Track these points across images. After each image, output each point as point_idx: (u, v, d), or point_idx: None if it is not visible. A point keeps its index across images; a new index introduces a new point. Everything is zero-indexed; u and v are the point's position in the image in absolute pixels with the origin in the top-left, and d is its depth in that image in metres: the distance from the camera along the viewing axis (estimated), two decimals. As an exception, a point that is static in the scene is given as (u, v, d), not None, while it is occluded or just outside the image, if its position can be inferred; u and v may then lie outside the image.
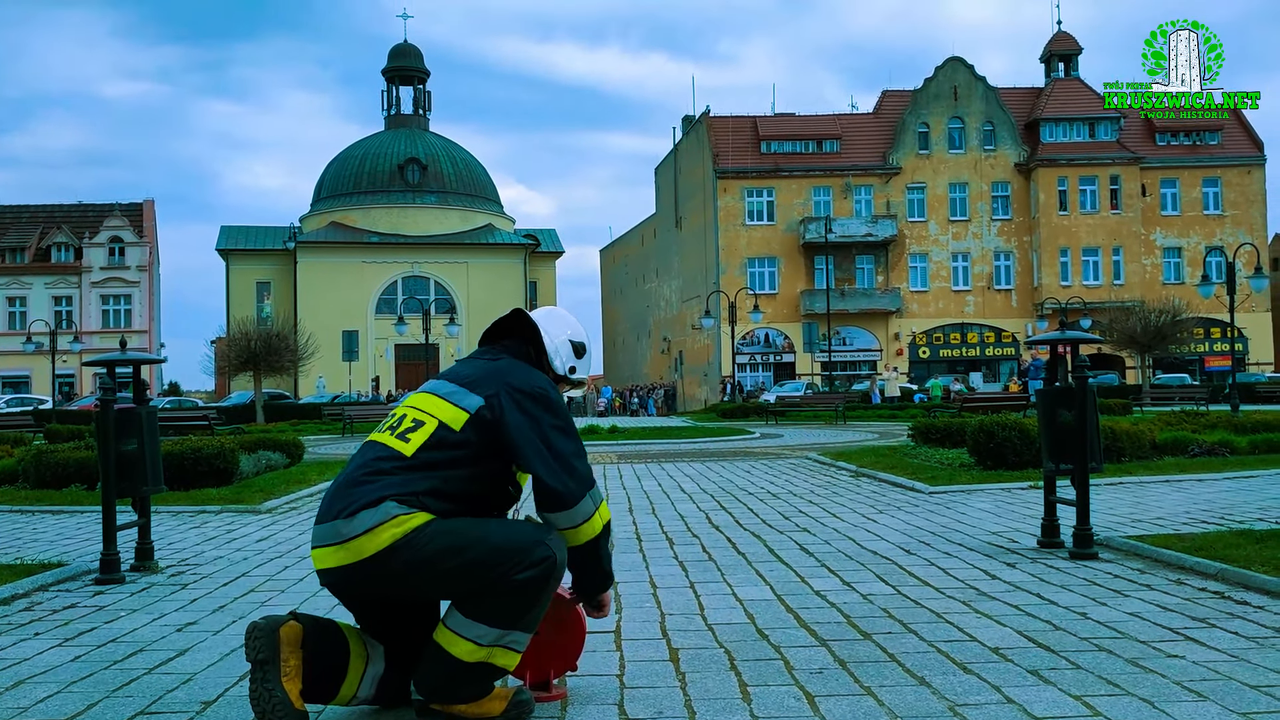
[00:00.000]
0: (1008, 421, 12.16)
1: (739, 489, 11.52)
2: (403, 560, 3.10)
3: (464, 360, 3.63)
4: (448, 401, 3.34)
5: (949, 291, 55.13)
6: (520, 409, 3.29)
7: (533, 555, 3.16)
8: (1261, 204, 55.66)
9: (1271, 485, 10.37)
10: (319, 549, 3.22)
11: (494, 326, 3.70)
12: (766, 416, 33.94)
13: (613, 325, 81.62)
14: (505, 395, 3.30)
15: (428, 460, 3.23)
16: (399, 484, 3.17)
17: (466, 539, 3.15)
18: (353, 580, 3.18)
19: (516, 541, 3.18)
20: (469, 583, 3.15)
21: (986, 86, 55.63)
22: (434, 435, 3.26)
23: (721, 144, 55.53)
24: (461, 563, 3.13)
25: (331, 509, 3.20)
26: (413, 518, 3.13)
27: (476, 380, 3.38)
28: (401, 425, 3.34)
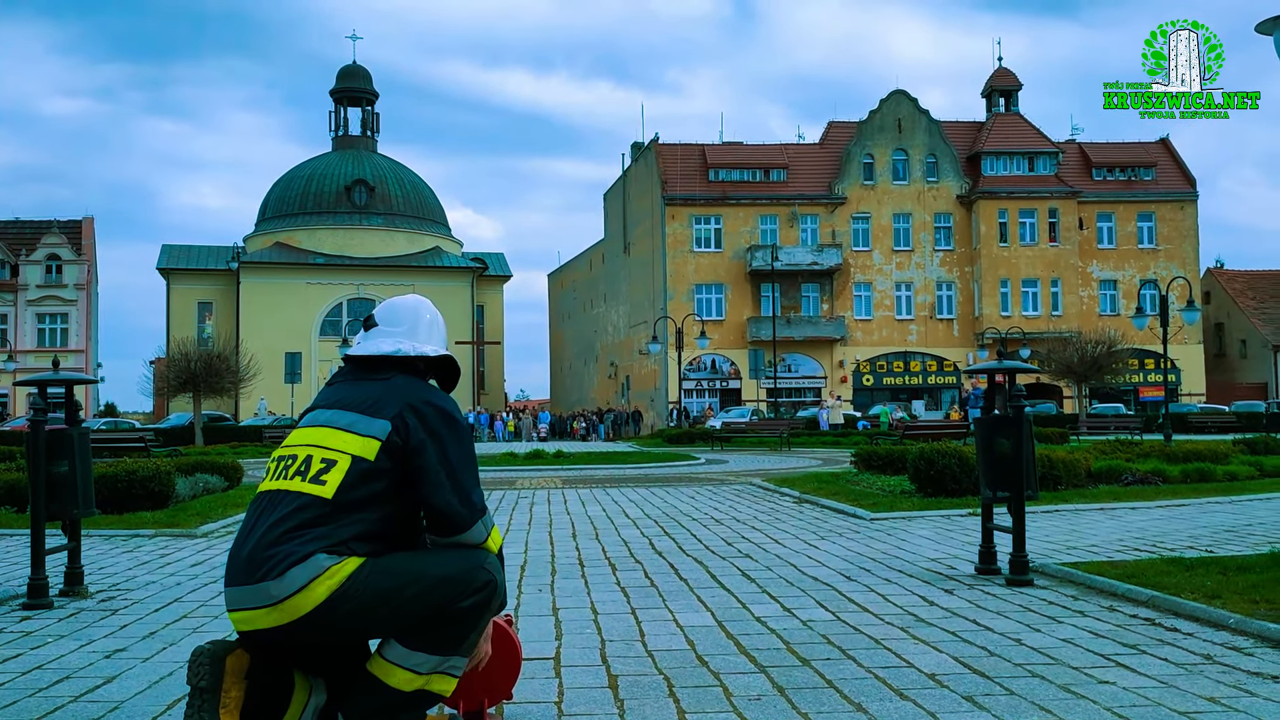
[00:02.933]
0: (948, 449, 12.32)
1: (683, 514, 11.53)
2: (342, 610, 2.97)
3: (344, 384, 3.33)
4: (352, 432, 3.13)
5: (892, 320, 55.85)
6: (425, 428, 3.13)
7: (475, 581, 3.08)
8: (1194, 238, 57.17)
9: (1202, 514, 10.60)
10: (245, 612, 3.02)
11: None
12: (712, 442, 34.05)
13: (560, 350, 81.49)
14: (410, 414, 3.13)
15: (351, 500, 3.05)
16: (325, 533, 3.00)
17: (405, 576, 3.03)
18: (289, 637, 3.03)
19: (456, 570, 3.09)
20: (412, 618, 3.04)
21: (929, 119, 56.65)
22: (351, 472, 3.07)
23: (670, 171, 55.90)
24: (404, 601, 3.01)
25: (254, 570, 2.99)
26: (344, 565, 2.98)
27: (375, 403, 3.18)
28: (311, 467, 3.10)
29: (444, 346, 3.49)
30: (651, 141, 58.26)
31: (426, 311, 3.50)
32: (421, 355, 3.35)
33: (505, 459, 24.18)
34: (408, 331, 3.39)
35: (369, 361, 3.34)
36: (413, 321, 3.43)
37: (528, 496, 14.42)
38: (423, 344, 3.38)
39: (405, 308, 3.48)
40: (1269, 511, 10.75)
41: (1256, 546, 7.90)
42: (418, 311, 3.47)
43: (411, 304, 3.51)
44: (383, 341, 3.36)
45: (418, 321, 3.44)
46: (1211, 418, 42.80)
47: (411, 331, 3.40)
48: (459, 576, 3.07)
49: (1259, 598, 5.60)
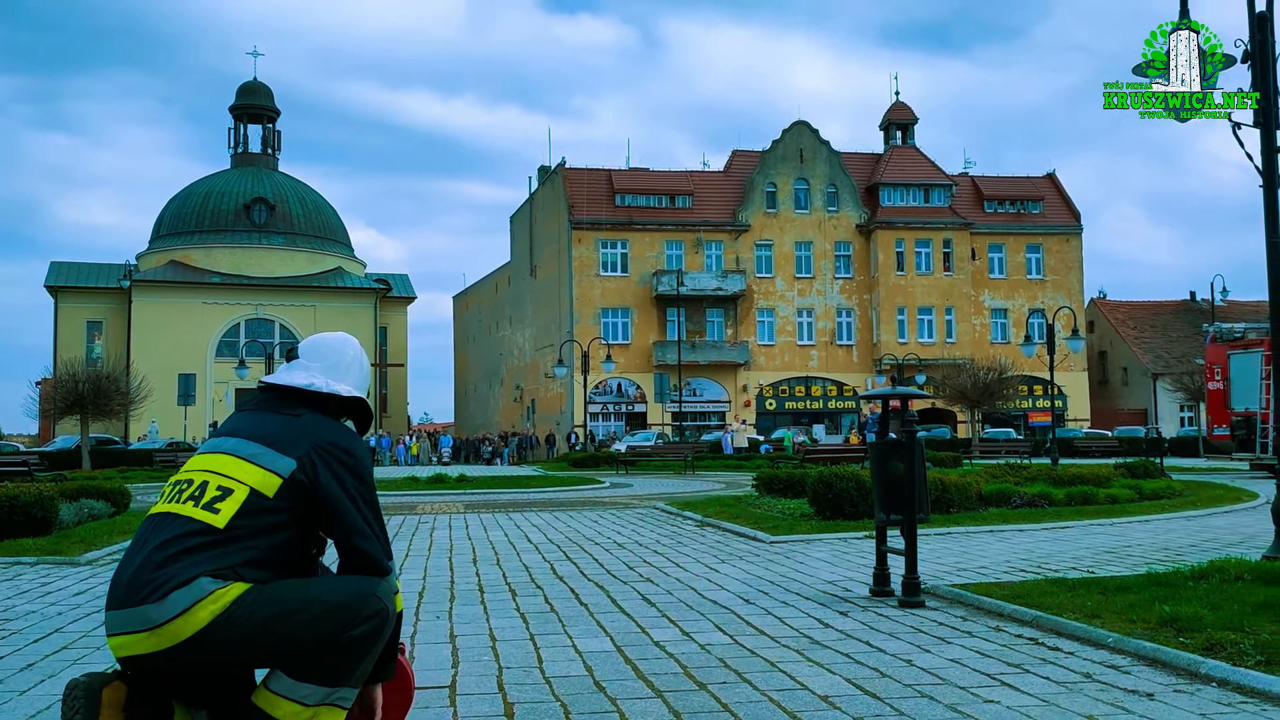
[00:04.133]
0: (846, 473, 12.56)
1: (585, 539, 11.53)
2: (226, 637, 2.89)
3: (254, 413, 3.30)
4: (254, 464, 3.09)
5: (794, 346, 56.72)
6: (333, 472, 3.10)
7: (365, 609, 3.02)
8: (1079, 270, 59.40)
9: (1085, 535, 11.00)
10: (123, 636, 2.91)
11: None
12: (617, 466, 34.07)
13: (464, 372, 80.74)
14: (317, 456, 3.10)
15: (242, 531, 2.99)
16: (212, 559, 2.93)
17: (293, 603, 2.96)
18: (169, 663, 2.93)
19: (347, 597, 3.03)
20: (300, 647, 2.97)
21: (830, 150, 57.89)
22: (245, 504, 3.01)
23: (577, 195, 56.03)
24: (291, 628, 2.94)
25: (135, 593, 2.90)
26: (229, 590, 2.90)
27: (282, 438, 3.14)
28: (206, 494, 3.04)
29: (362, 387, 3.47)
30: (558, 166, 58.36)
31: (350, 350, 3.49)
32: (334, 393, 3.33)
33: (407, 483, 23.84)
34: (326, 368, 3.38)
35: (283, 392, 3.32)
36: (333, 359, 3.42)
37: (428, 521, 14.25)
38: (337, 382, 3.36)
39: (328, 344, 3.48)
40: (1147, 533, 11.21)
41: (1135, 567, 8.23)
42: (340, 349, 3.47)
43: (335, 341, 3.50)
44: (298, 374, 3.35)
45: (339, 359, 3.43)
46: (1095, 442, 44.39)
47: (330, 368, 3.39)
48: (349, 604, 3.02)
49: (1136, 617, 5.83)
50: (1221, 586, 6.53)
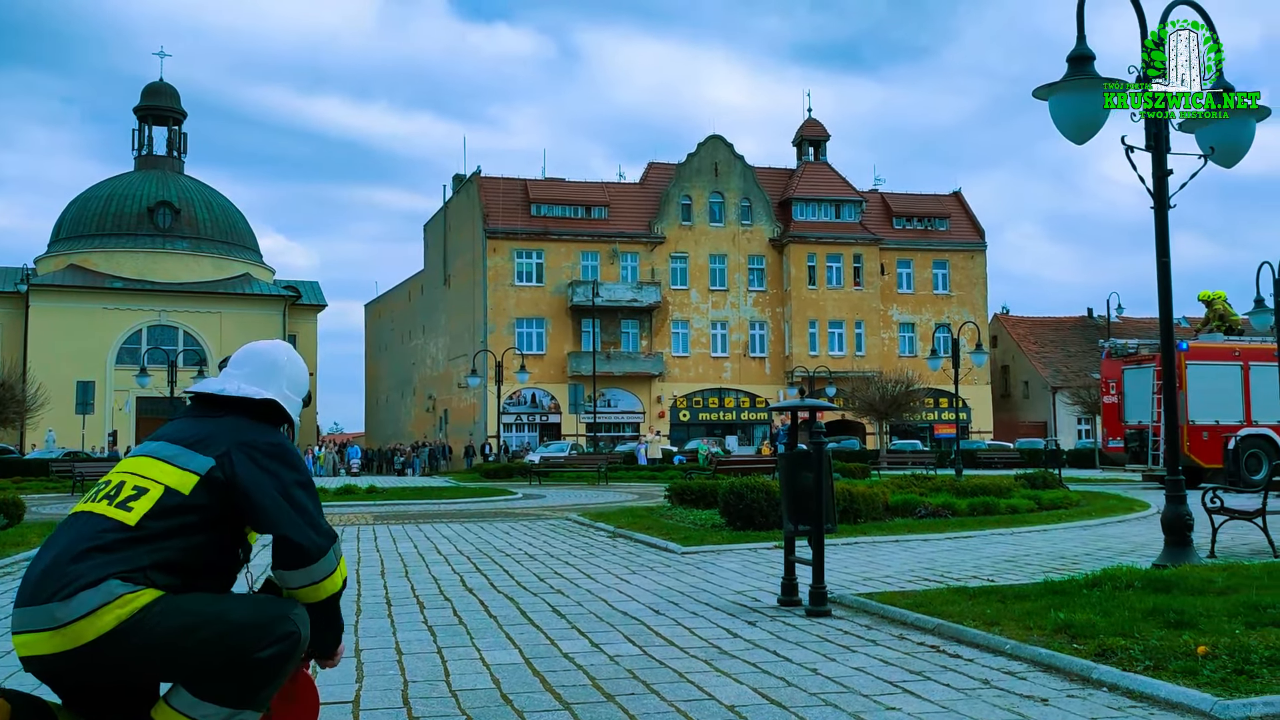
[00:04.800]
0: (757, 484, 12.70)
1: (496, 550, 11.45)
2: (130, 644, 2.81)
3: (182, 420, 3.31)
4: (172, 464, 3.07)
5: (708, 358, 57.16)
6: (257, 465, 3.08)
7: (276, 631, 2.95)
8: (983, 286, 61.04)
9: (986, 545, 11.28)
10: (26, 635, 2.85)
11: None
12: (531, 477, 33.90)
13: (376, 382, 79.60)
14: (238, 452, 3.09)
15: (154, 530, 2.94)
16: (123, 559, 2.87)
17: (202, 616, 2.90)
18: (70, 668, 2.86)
19: (258, 617, 2.96)
20: (206, 663, 2.90)
21: (744, 165, 58.60)
22: (160, 502, 2.98)
23: (492, 204, 55.75)
24: (197, 642, 2.87)
25: (42, 590, 2.84)
26: (139, 596, 2.84)
27: (203, 439, 3.13)
28: (121, 493, 3.02)
29: (297, 392, 3.44)
30: (473, 174, 58.00)
31: (279, 356, 3.47)
32: (244, 396, 3.28)
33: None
34: (247, 374, 3.37)
35: (206, 399, 3.32)
36: (255, 365, 3.41)
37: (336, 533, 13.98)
38: (249, 385, 3.32)
39: (253, 350, 3.48)
40: (1045, 543, 11.55)
41: (1033, 576, 8.46)
42: (264, 355, 3.45)
43: (261, 348, 3.50)
44: (217, 381, 3.36)
45: (260, 365, 3.41)
46: (998, 454, 45.55)
47: (251, 375, 3.37)
48: (260, 623, 2.95)
49: (1033, 624, 6.00)
50: (1113, 594, 6.75)
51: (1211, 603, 6.35)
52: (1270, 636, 5.35)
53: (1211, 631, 5.55)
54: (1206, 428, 24.22)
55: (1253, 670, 4.78)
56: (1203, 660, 4.95)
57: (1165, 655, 5.09)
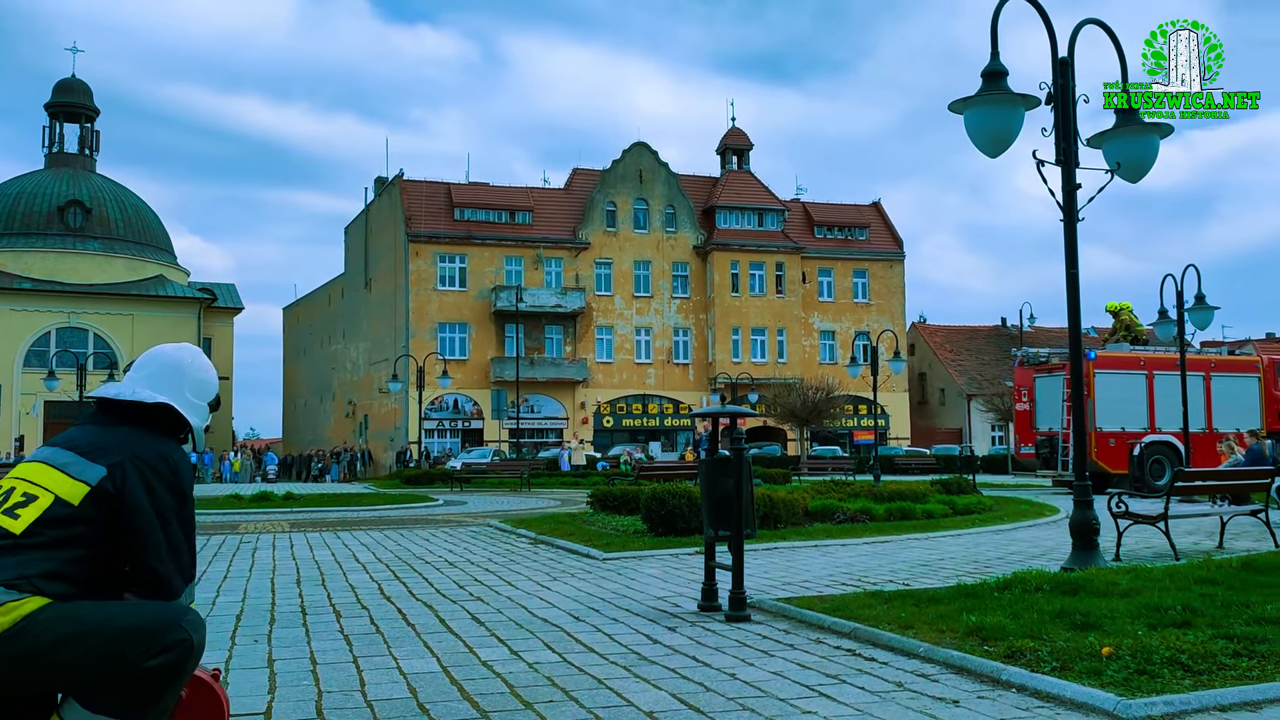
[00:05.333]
0: (679, 490, 12.75)
1: (416, 558, 11.32)
2: (13, 652, 2.72)
3: (81, 425, 3.23)
4: (64, 473, 2.99)
5: (632, 364, 57.27)
6: (145, 485, 2.99)
7: (166, 639, 2.87)
8: (901, 295, 62.17)
9: (902, 550, 11.48)
10: None
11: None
12: (452, 483, 33.59)
13: (294, 387, 78.16)
14: (130, 466, 3.00)
15: (42, 539, 2.87)
16: (8, 566, 2.80)
17: (88, 625, 2.81)
18: None
19: (147, 624, 2.87)
20: (93, 673, 2.81)
21: (669, 172, 58.87)
22: (48, 511, 2.91)
23: (414, 208, 55.17)
24: (83, 652, 2.79)
25: None
26: (23, 604, 2.76)
27: (98, 448, 3.05)
28: (9, 500, 2.94)
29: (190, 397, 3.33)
30: (396, 177, 57.35)
31: (183, 359, 3.38)
32: (138, 400, 3.19)
33: (229, 501, 22.89)
34: (147, 377, 3.28)
35: (104, 404, 3.24)
36: (155, 368, 3.32)
37: (250, 541, 13.71)
38: (145, 389, 3.23)
39: (157, 353, 3.40)
40: (959, 547, 11.79)
41: (946, 579, 8.63)
42: (165, 358, 3.37)
43: (166, 350, 3.41)
44: (115, 385, 3.27)
45: (161, 368, 3.32)
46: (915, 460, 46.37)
47: (151, 377, 3.28)
48: (148, 631, 2.87)
49: (945, 627, 6.12)
50: (1023, 597, 6.92)
51: (1116, 605, 6.54)
52: (1170, 637, 5.54)
53: (1116, 633, 5.72)
54: (1113, 434, 24.97)
55: (1154, 670, 4.93)
56: (1107, 661, 5.10)
57: (1072, 656, 5.23)
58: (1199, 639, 5.49)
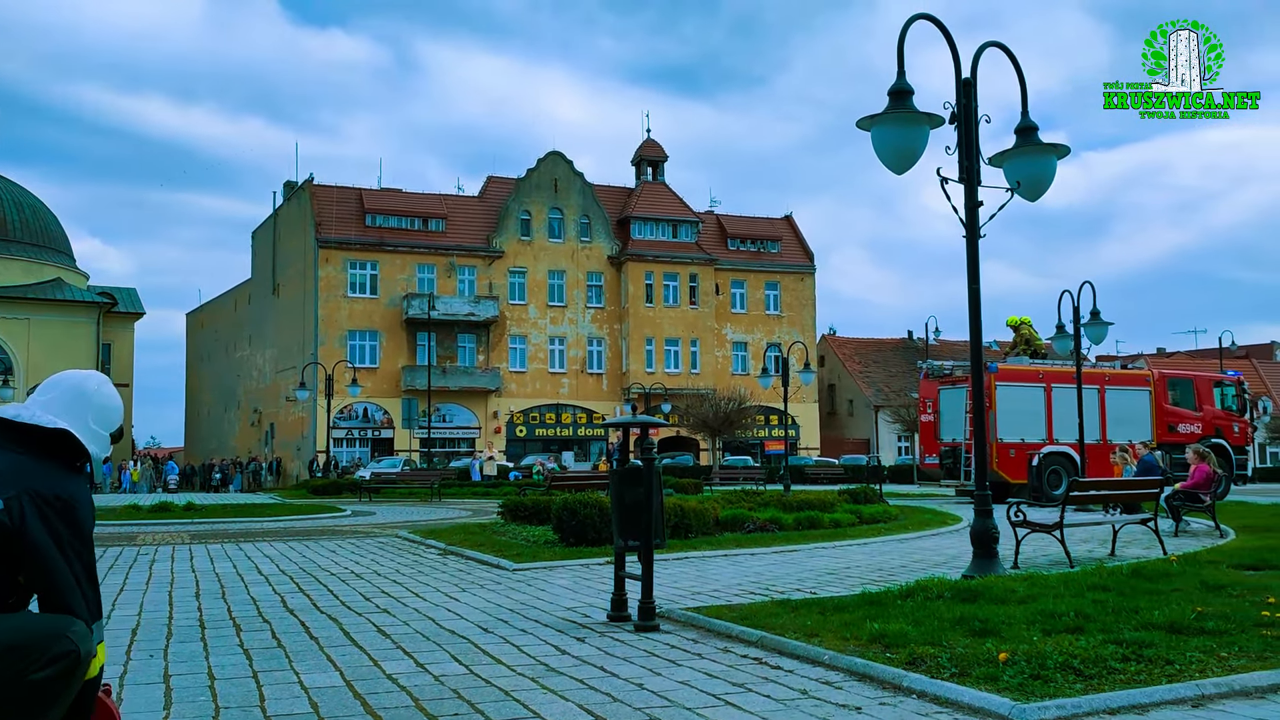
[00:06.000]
0: (590, 500, 12.74)
1: (321, 569, 11.11)
2: None
3: None
4: None
5: (546, 373, 57.07)
6: (44, 520, 2.89)
7: (51, 650, 2.81)
8: (812, 307, 63.12)
9: (810, 558, 11.64)
10: None
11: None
12: (361, 494, 33.04)
13: (197, 394, 76.13)
14: (28, 502, 2.89)
15: None
16: None
17: None
18: None
19: (31, 636, 2.80)
20: None
21: (584, 182, 58.91)
22: None
23: (325, 213, 54.25)
24: None
25: None
26: None
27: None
28: None
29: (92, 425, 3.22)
30: (306, 182, 56.34)
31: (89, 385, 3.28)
32: (36, 424, 3.09)
33: (127, 512, 22.18)
34: (49, 401, 3.18)
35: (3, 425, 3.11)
36: (59, 392, 3.22)
37: (149, 553, 13.31)
38: (45, 414, 3.13)
39: (62, 378, 3.30)
40: (865, 555, 11.99)
41: (852, 588, 8.77)
42: (69, 383, 3.27)
43: (71, 375, 3.31)
44: (13, 407, 3.16)
45: (64, 393, 3.22)
46: (824, 470, 47.14)
47: (53, 402, 3.18)
48: (33, 644, 2.80)
49: (850, 635, 6.22)
50: (925, 604, 7.07)
51: (1013, 611, 6.73)
52: (1064, 643, 5.72)
53: (1012, 639, 5.88)
54: (1013, 445, 25.68)
55: (1048, 675, 5.08)
56: (1003, 666, 5.24)
57: (970, 662, 5.37)
58: (1090, 644, 5.68)
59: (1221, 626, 6.20)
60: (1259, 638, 5.96)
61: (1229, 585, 7.99)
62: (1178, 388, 28.77)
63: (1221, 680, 5.08)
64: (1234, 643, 5.83)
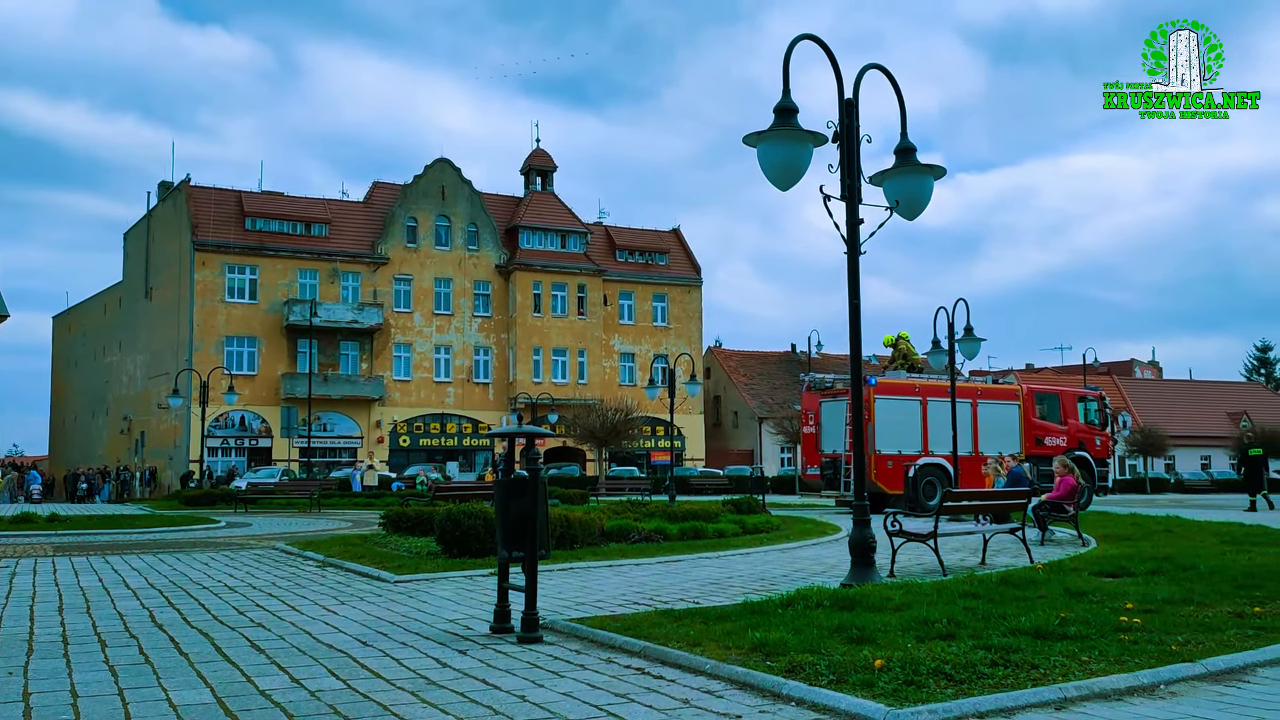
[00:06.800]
0: (474, 510, 12.61)
1: (193, 583, 10.74)
2: None
3: None
4: None
5: (431, 382, 56.34)
6: None
7: None
8: (699, 319, 63.82)
9: (694, 568, 11.74)
10: None
11: None
12: (236, 504, 32.03)
13: (64, 401, 72.83)
14: None
15: None
16: None
17: None
18: None
19: None
20: None
21: (472, 190, 58.43)
22: None
23: (202, 215, 52.59)
24: None
25: None
26: None
27: None
28: None
29: None
30: (182, 182, 54.54)
31: None
32: None
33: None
34: None
35: None
36: None
37: (9, 566, 12.66)
38: None
39: None
40: (747, 565, 12.16)
41: (734, 597, 8.88)
42: None
43: None
44: None
45: None
46: (709, 480, 47.60)
47: None
48: None
49: (732, 644, 6.30)
50: (805, 613, 7.21)
51: (889, 619, 6.91)
52: (936, 649, 5.90)
53: (888, 646, 6.04)
54: (891, 457, 26.38)
55: (921, 681, 5.24)
56: (879, 673, 5.38)
57: (847, 669, 5.49)
58: (961, 650, 5.87)
59: (1083, 631, 6.48)
60: (1117, 642, 6.25)
61: (1090, 592, 8.36)
62: (1045, 402, 29.96)
63: (1083, 683, 5.31)
64: (1094, 647, 6.10)
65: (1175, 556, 11.15)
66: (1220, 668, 5.80)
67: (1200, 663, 5.80)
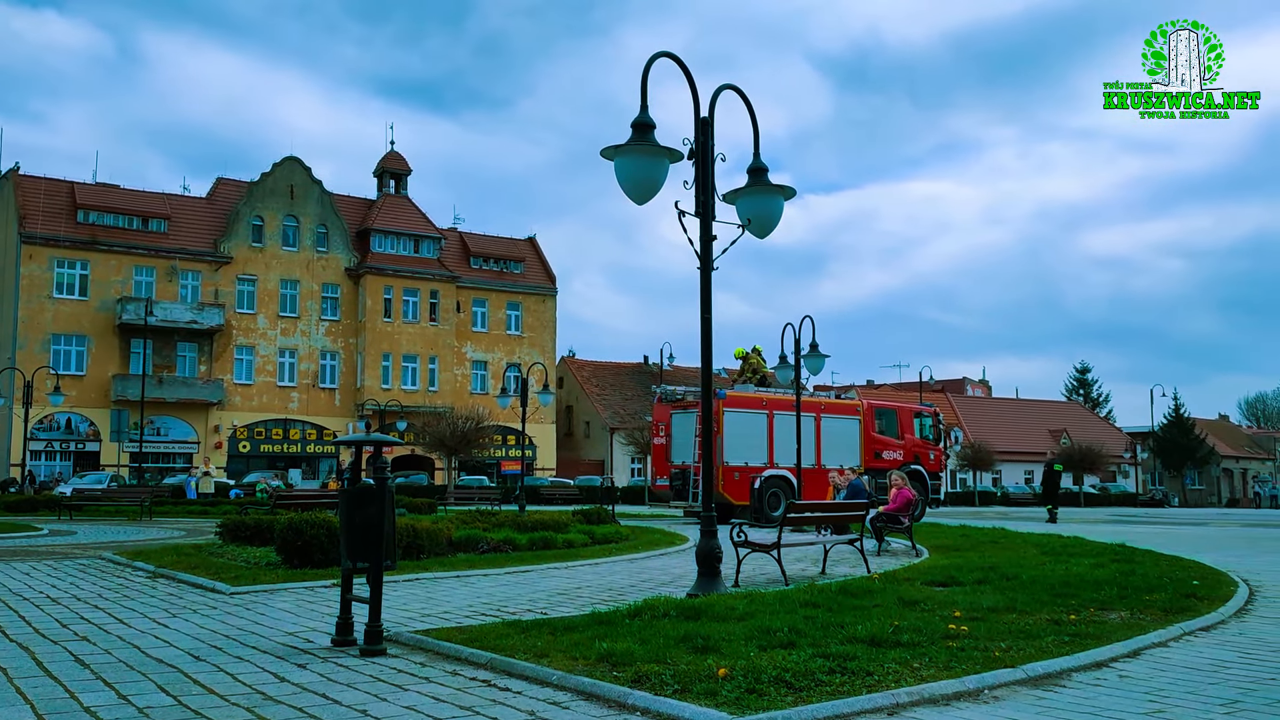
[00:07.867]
0: (317, 519, 12.28)
1: (12, 594, 10.12)
2: None
3: None
4: None
5: (274, 386, 54.54)
6: None
7: None
8: (553, 329, 63.76)
9: (543, 579, 11.72)
10: None
11: None
12: (60, 511, 30.28)
13: None
14: None
15: None
16: None
17: None
18: None
19: None
20: None
21: (322, 190, 56.93)
22: None
23: (30, 206, 49.63)
24: None
25: None
26: None
27: None
28: None
29: None
30: (9, 171, 51.40)
31: None
32: None
33: None
34: None
35: None
36: None
37: None
38: None
39: None
40: (596, 575, 12.22)
41: (582, 607, 8.92)
42: None
43: None
44: None
45: None
46: (559, 490, 47.64)
47: None
48: None
49: (579, 655, 6.32)
50: (651, 623, 7.30)
51: (733, 628, 7.06)
52: (778, 657, 6.06)
53: (731, 654, 6.17)
54: (738, 469, 26.92)
55: (762, 689, 5.37)
56: (722, 682, 5.49)
57: (691, 679, 5.59)
58: (801, 658, 6.04)
59: (915, 639, 6.76)
60: (945, 649, 6.55)
61: (922, 601, 8.73)
62: (884, 417, 31.11)
63: (913, 689, 5.55)
64: (925, 654, 6.38)
65: (999, 567, 11.74)
66: (1039, 672, 6.14)
67: (1021, 668, 6.14)
